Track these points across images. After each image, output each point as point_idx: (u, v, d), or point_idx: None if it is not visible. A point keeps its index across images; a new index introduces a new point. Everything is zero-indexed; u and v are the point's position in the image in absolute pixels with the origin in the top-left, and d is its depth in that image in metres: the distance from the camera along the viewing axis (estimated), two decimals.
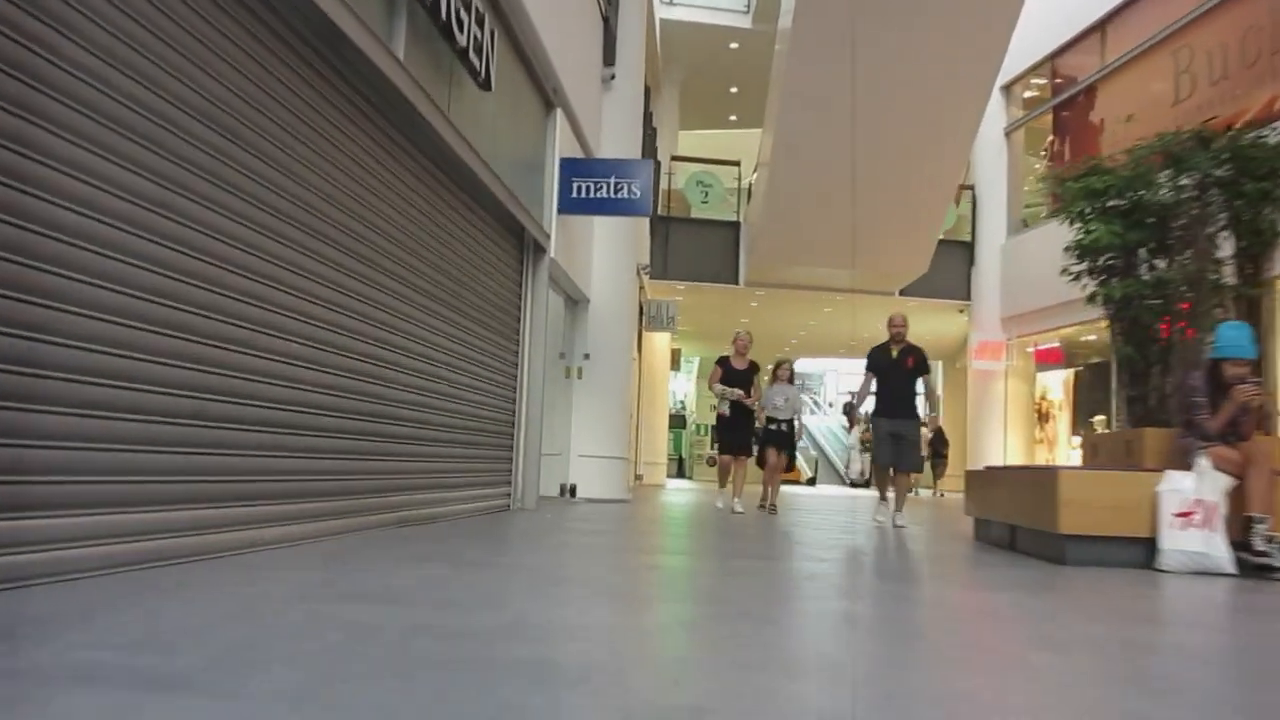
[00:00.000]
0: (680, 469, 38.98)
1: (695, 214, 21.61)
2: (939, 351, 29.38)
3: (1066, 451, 19.88)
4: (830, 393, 50.70)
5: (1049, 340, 20.60)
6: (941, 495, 24.40)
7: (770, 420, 10.86)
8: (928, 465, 25.24)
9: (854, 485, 31.47)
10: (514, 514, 8.44)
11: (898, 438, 8.87)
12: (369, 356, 5.70)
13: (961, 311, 22.69)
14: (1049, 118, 21.44)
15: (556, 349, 11.64)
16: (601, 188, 9.49)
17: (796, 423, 10.91)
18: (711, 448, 37.58)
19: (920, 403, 9.13)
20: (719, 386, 10.66)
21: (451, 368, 7.18)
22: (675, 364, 26.76)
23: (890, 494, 9.24)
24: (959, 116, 16.27)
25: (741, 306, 23.69)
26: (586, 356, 11.68)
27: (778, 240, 18.85)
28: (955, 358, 29.70)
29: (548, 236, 9.29)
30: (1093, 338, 19.37)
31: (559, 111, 9.37)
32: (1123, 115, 18.27)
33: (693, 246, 21.28)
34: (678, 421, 40.59)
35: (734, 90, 24.90)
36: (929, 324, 24.73)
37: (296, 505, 4.91)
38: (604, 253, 11.91)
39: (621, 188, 9.50)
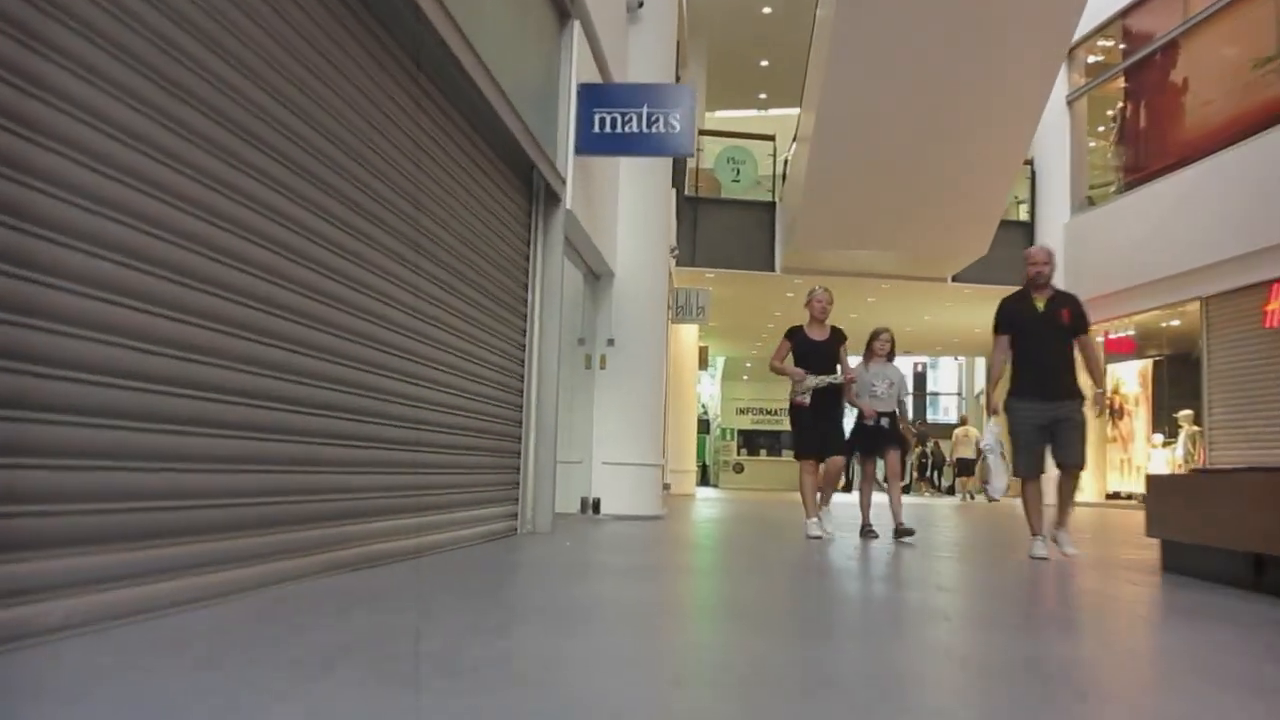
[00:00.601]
0: (704, 476, 36.93)
1: (726, 194, 19.57)
2: (985, 342, 27.18)
3: (1145, 450, 17.73)
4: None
5: (1122, 328, 18.46)
6: (993, 499, 22.29)
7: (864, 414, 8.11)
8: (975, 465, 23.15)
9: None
10: (522, 541, 6.44)
11: (1057, 425, 6.31)
12: (323, 323, 3.72)
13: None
14: (1116, 83, 19.33)
15: (574, 334, 9.62)
16: (631, 120, 7.43)
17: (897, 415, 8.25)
18: (740, 452, 35.62)
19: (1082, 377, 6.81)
20: (793, 368, 7.96)
21: (439, 346, 5.19)
22: (703, 362, 24.70)
23: (1046, 522, 6.62)
24: (1027, 81, 14.21)
25: (776, 297, 21.61)
26: (611, 343, 9.65)
27: (819, 221, 16.80)
28: None
29: (563, 181, 7.27)
30: (1176, 323, 17.23)
31: (576, 25, 7.34)
32: (1209, 72, 16.17)
33: (723, 230, 19.24)
34: (702, 426, 38.54)
35: (764, 64, 22.86)
36: (983, 314, 22.60)
37: (211, 543, 2.94)
38: (632, 215, 9.87)
39: (656, 120, 7.43)
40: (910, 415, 8.04)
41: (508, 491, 6.71)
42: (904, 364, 44.79)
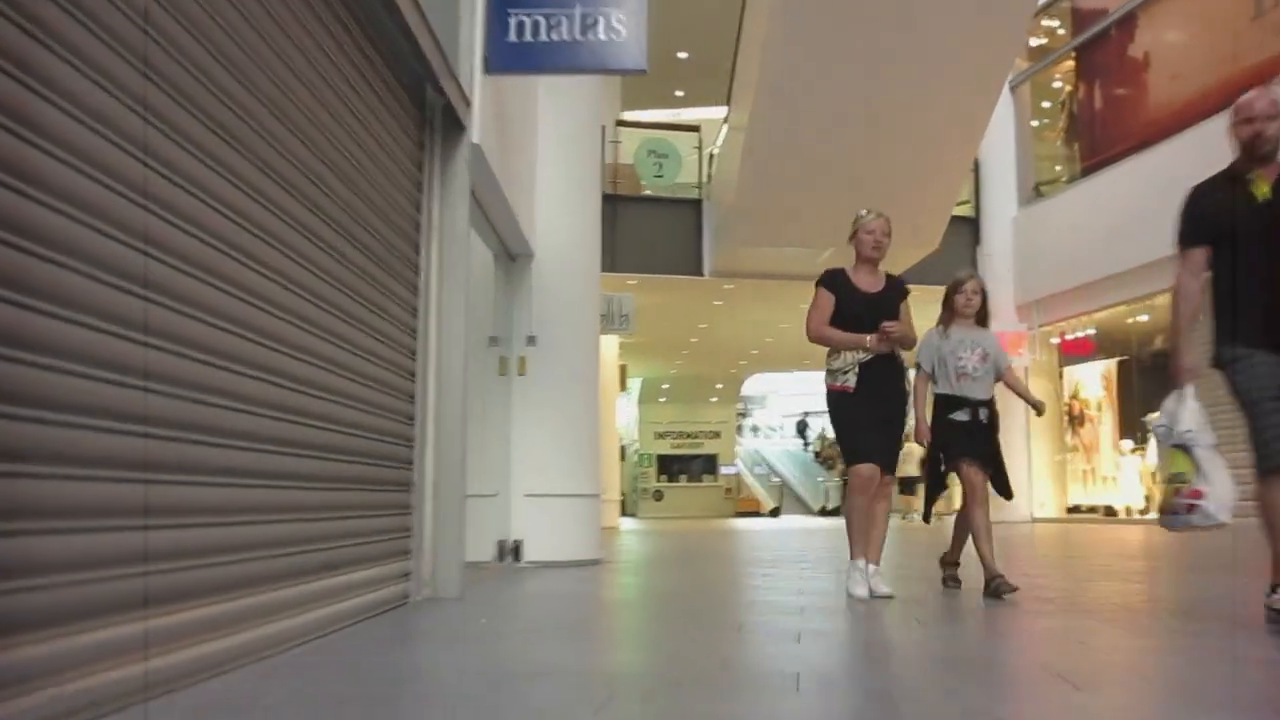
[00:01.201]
0: (622, 506, 34.87)
1: (648, 191, 17.66)
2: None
3: (1114, 458, 16.22)
4: (774, 416, 47.00)
5: (1081, 327, 17.00)
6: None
7: (953, 403, 5.53)
8: (919, 484, 21.60)
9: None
10: (415, 616, 4.35)
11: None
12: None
13: None
14: (1063, 65, 17.98)
15: (484, 331, 7.51)
16: (560, 24, 5.34)
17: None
18: (659, 479, 33.69)
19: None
20: (849, 335, 5.28)
21: (284, 317, 3.10)
22: (622, 383, 22.72)
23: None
24: (983, 62, 12.69)
25: (703, 305, 19.74)
26: (532, 341, 7.57)
27: (755, 217, 14.99)
28: None
29: (468, 104, 5.21)
30: (1145, 318, 15.78)
31: None
32: (1176, 43, 14.80)
33: (645, 231, 17.30)
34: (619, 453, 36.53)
35: (683, 56, 21.06)
36: (927, 317, 21.06)
37: None
38: (557, 175, 7.80)
39: (594, 22, 5.34)
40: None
41: (395, 541, 4.58)
42: (806, 382, 43.22)
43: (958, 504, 5.91)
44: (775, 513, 28.12)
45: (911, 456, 21.83)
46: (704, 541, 12.39)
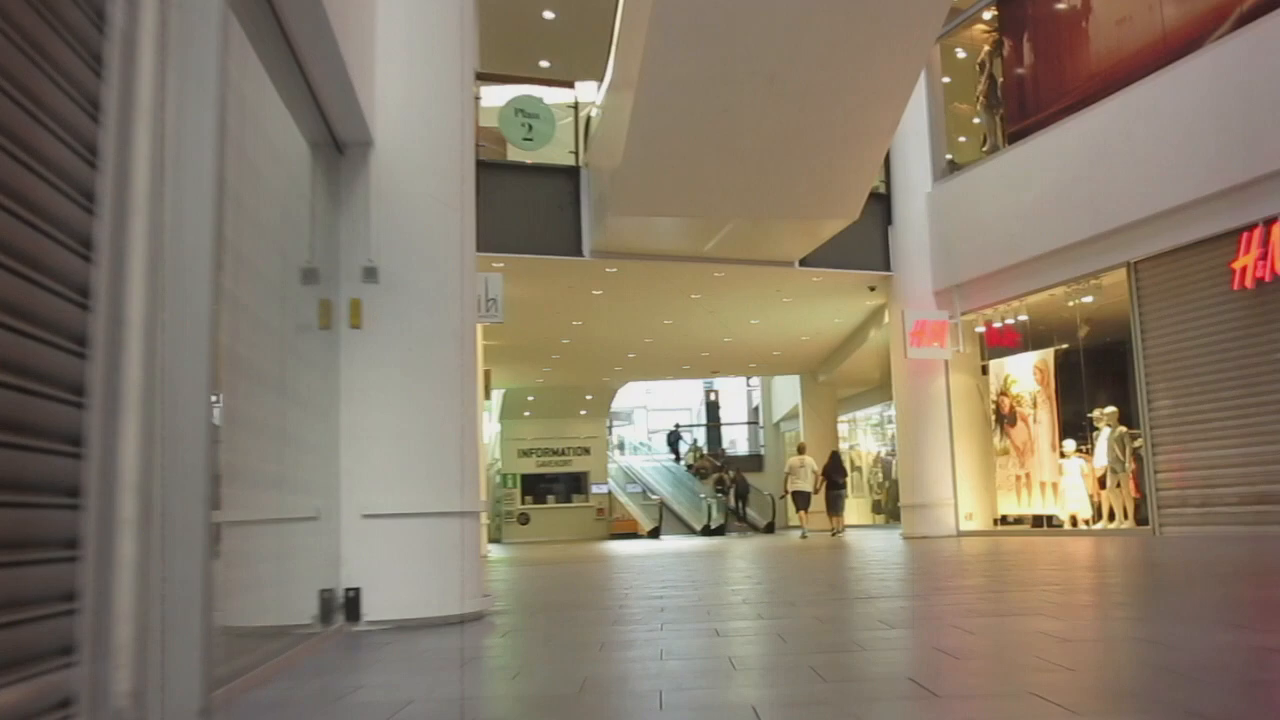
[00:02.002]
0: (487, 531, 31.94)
1: (515, 157, 14.99)
2: (810, 358, 23.77)
3: (1053, 461, 14.30)
4: (641, 432, 44.75)
5: (1012, 314, 15.07)
6: (836, 532, 18.76)
7: None
8: (821, 499, 19.56)
9: (707, 532, 25.36)
10: None
11: None
12: None
13: (873, 289, 16.95)
14: (979, 23, 16.14)
15: (292, 258, 4.74)
16: None
17: None
18: (524, 500, 30.83)
19: None
20: None
21: None
22: (487, 390, 19.89)
23: None
24: (910, 14, 10.51)
25: (581, 295, 17.15)
26: (372, 276, 4.84)
27: (645, 185, 12.54)
28: (825, 365, 24.20)
29: None
30: (1088, 300, 13.91)
31: None
32: None
33: (513, 203, 14.66)
34: None
35: (550, 16, 18.49)
36: (824, 313, 18.99)
37: None
38: (408, 33, 5.12)
39: None
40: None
41: (34, 631, 1.87)
42: (696, 390, 41.03)
43: None
44: (655, 533, 25.68)
45: (805, 469, 19.81)
46: (595, 573, 9.78)
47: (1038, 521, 14.69)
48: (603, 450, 31.26)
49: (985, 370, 15.84)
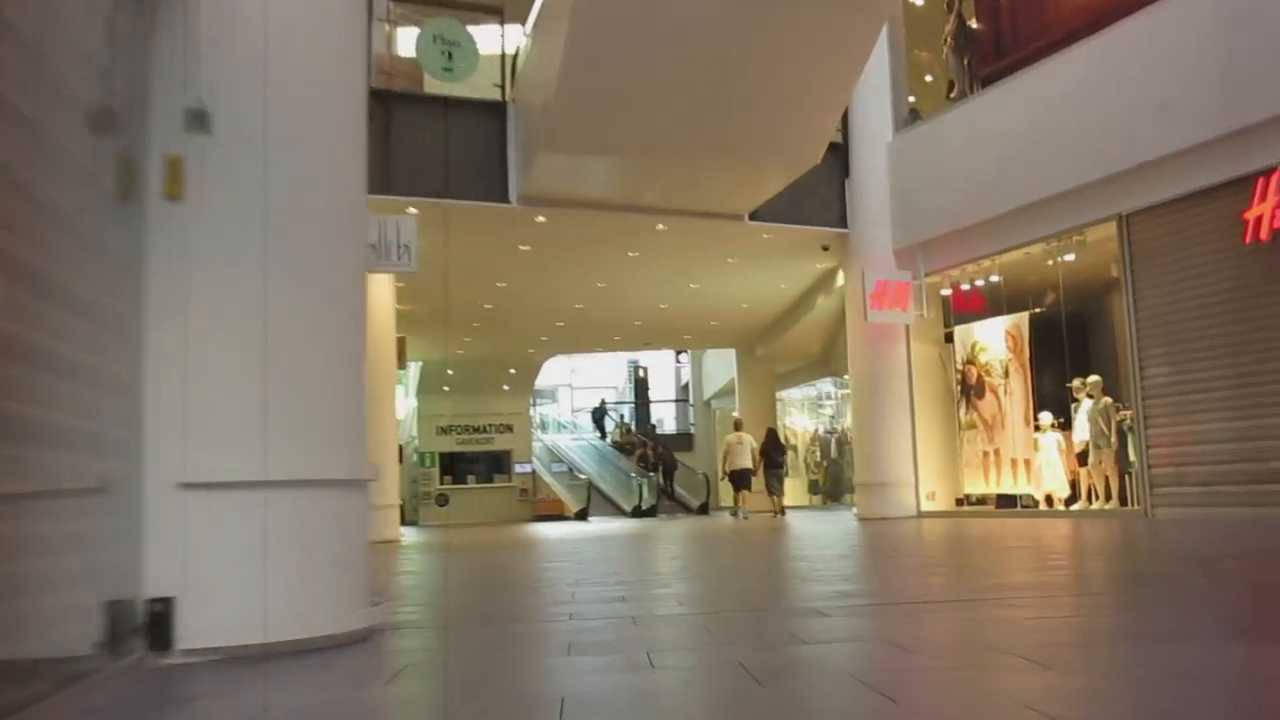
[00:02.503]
0: (401, 513, 30.01)
1: (434, 89, 13.19)
2: (748, 330, 22.25)
3: (1026, 436, 13.04)
4: (566, 411, 43.07)
5: (983, 274, 13.76)
6: (778, 513, 17.53)
7: None
8: (759, 481, 18.22)
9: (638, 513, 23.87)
10: None
11: None
12: None
13: (826, 249, 15.54)
14: None
15: (63, 83, 3.02)
16: None
17: None
18: (443, 481, 29.04)
19: None
20: None
21: None
22: (401, 360, 18.07)
23: None
24: None
25: (506, 252, 15.43)
26: (199, 123, 3.17)
27: (582, 120, 10.96)
28: (765, 338, 22.82)
29: None
30: (1069, 258, 12.64)
31: None
32: None
33: (431, 142, 12.90)
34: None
35: None
36: (770, 278, 17.54)
37: None
38: None
39: None
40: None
41: None
42: (621, 362, 39.44)
43: None
44: (583, 515, 24.09)
45: (743, 447, 18.44)
46: (525, 563, 8.16)
47: (1007, 501, 13.43)
48: (526, 428, 29.57)
49: (950, 338, 14.52)
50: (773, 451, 18.67)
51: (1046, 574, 5.20)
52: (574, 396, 44.37)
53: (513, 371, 28.11)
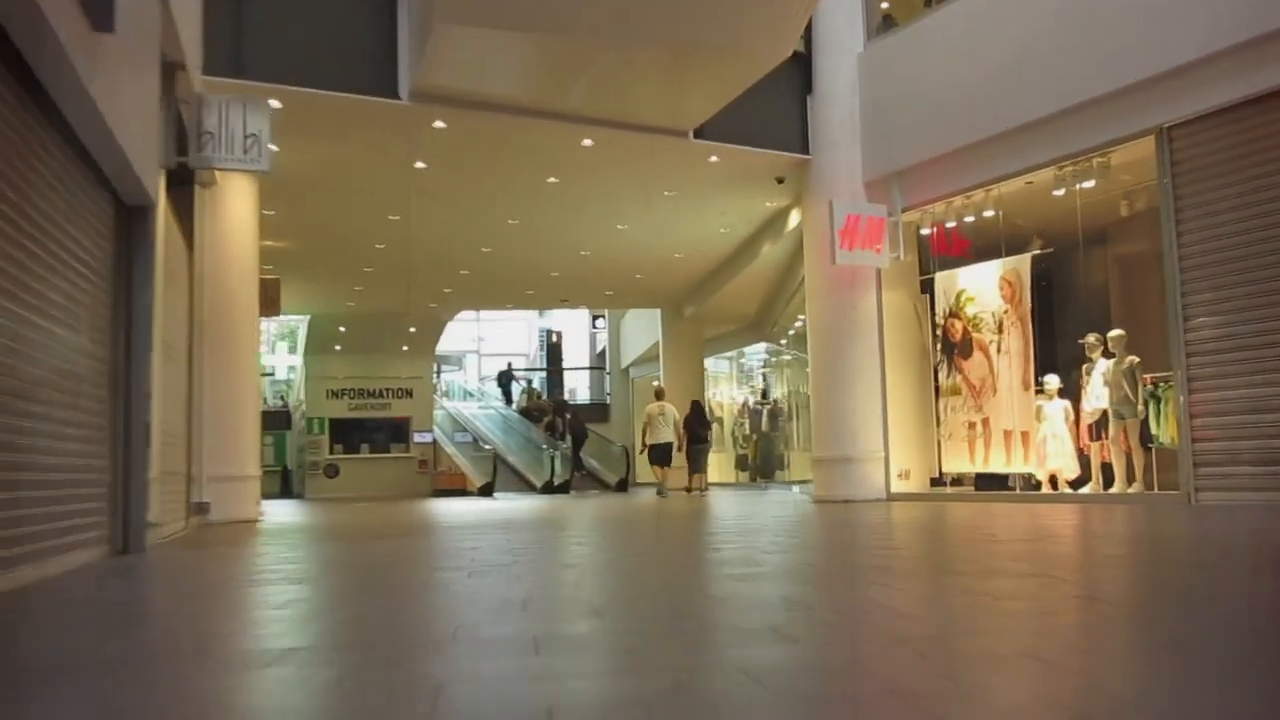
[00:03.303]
0: (287, 484, 26.99)
1: None
2: (678, 286, 19.75)
3: (1024, 403, 10.82)
4: (473, 378, 40.17)
5: (974, 209, 11.46)
6: (701, 491, 15.47)
7: None
8: (681, 455, 15.97)
9: (551, 489, 21.34)
10: None
11: None
12: None
13: (781, 181, 13.12)
14: None
15: None
16: None
17: None
18: (334, 450, 26.13)
19: None
20: None
21: None
22: (271, 304, 15.15)
23: None
24: None
25: (399, 172, 12.66)
26: None
27: None
28: (696, 295, 20.47)
29: None
30: (1087, 184, 10.39)
31: None
32: None
33: (297, 17, 10.12)
34: (281, 419, 28.72)
35: None
36: (710, 217, 15.07)
37: None
38: None
39: None
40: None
41: None
42: (532, 329, 36.75)
43: None
44: (488, 490, 21.47)
45: (665, 418, 16.14)
46: (439, 561, 5.57)
47: (990, 482, 11.21)
48: (428, 393, 26.79)
49: (928, 287, 12.23)
50: (697, 425, 16.84)
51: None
52: (481, 364, 41.53)
53: (413, 330, 25.30)
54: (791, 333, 21.22)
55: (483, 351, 42.04)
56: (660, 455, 16.20)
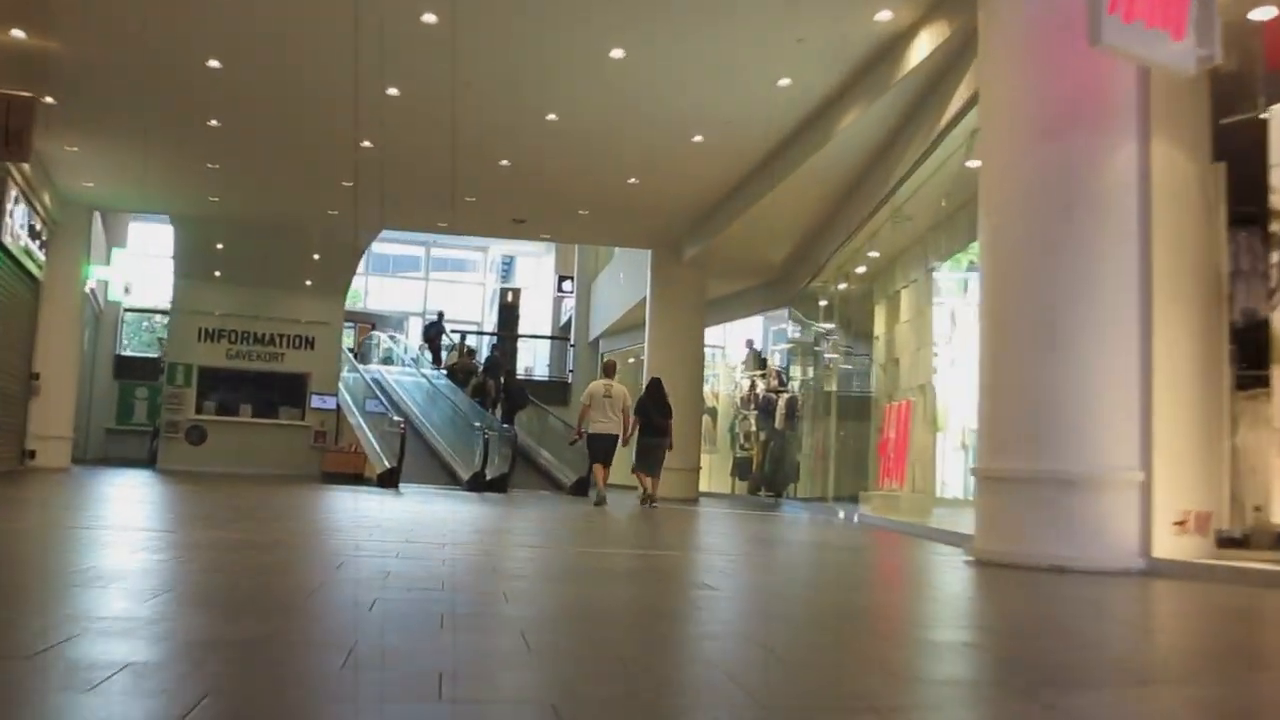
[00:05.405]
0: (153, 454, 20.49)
1: None
2: (689, 205, 13.02)
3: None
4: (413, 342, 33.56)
5: None
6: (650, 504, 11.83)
7: None
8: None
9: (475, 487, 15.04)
10: None
11: None
12: None
13: (800, 41, 6.91)
14: None
15: None
16: None
17: None
18: (201, 409, 19.66)
19: None
20: None
21: None
22: (16, 141, 8.90)
23: None
24: None
25: None
26: None
27: None
28: (706, 226, 14.33)
29: None
30: None
31: None
32: None
33: None
34: (137, 366, 22.58)
35: None
36: (769, 52, 8.76)
37: None
38: None
39: None
40: None
41: None
42: (488, 291, 30.49)
43: None
44: (391, 479, 15.17)
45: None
46: None
47: None
48: (335, 344, 20.34)
49: (1232, 142, 6.05)
50: (653, 411, 12.47)
51: None
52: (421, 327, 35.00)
53: (316, 258, 18.91)
54: (833, 294, 14.98)
55: (429, 313, 35.55)
56: (601, 449, 12.34)
